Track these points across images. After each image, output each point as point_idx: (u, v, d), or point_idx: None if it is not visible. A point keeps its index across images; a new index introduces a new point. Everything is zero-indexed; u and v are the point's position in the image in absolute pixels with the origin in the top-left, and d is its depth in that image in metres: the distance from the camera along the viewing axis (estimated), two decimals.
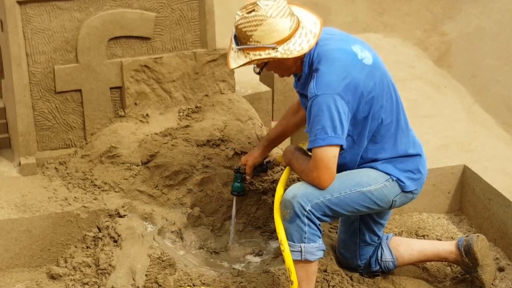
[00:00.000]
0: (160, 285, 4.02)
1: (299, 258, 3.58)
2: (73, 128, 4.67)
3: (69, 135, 4.68)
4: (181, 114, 4.81)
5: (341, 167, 3.66)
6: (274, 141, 4.22)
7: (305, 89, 3.65)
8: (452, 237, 4.53)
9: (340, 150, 3.52)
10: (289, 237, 3.59)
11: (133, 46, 4.63)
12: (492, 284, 4.09)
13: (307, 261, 3.63)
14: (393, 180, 3.67)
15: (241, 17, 3.52)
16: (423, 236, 4.55)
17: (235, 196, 4.32)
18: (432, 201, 4.79)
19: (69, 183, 4.48)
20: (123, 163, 4.48)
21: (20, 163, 4.57)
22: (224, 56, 4.62)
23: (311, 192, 3.57)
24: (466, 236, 4.04)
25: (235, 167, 4.37)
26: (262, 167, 4.29)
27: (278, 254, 4.28)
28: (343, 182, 3.61)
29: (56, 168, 4.60)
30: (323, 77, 3.50)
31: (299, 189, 3.60)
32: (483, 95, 5.64)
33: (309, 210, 3.52)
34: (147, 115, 4.70)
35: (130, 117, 4.73)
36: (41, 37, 4.40)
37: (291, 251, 3.57)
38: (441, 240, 4.47)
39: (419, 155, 3.80)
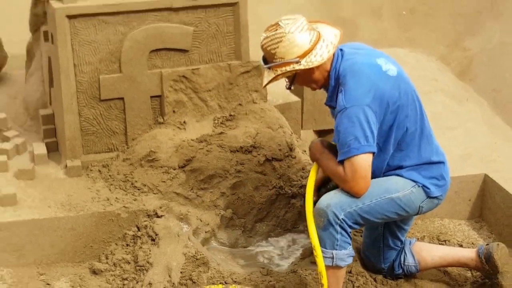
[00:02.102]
0: (194, 282, 4.05)
1: (331, 264, 3.62)
2: (116, 133, 4.76)
3: (111, 140, 4.76)
4: (216, 121, 4.84)
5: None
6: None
7: (333, 101, 3.72)
8: (472, 243, 4.53)
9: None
10: (322, 244, 3.61)
11: (172, 58, 4.68)
12: None
13: (337, 267, 3.67)
14: (419, 186, 3.69)
15: (264, 37, 3.62)
16: (445, 241, 4.54)
17: None
18: (454, 207, 4.78)
19: (111, 184, 4.56)
20: (161, 167, 4.54)
21: (66, 166, 4.66)
22: (257, 68, 4.81)
23: (344, 201, 3.59)
24: (487, 244, 4.03)
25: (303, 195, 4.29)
26: (328, 185, 4.16)
27: (305, 256, 4.36)
28: (373, 189, 3.64)
29: (99, 171, 4.69)
30: (350, 90, 3.54)
31: (332, 199, 3.62)
32: (504, 109, 5.69)
33: (342, 219, 3.56)
34: (184, 122, 4.75)
35: (169, 124, 4.77)
36: (87, 49, 4.49)
37: (323, 257, 3.60)
38: (462, 246, 4.46)
39: (442, 162, 3.80)
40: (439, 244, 4.51)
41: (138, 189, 4.51)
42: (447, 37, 6.61)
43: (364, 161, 3.48)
